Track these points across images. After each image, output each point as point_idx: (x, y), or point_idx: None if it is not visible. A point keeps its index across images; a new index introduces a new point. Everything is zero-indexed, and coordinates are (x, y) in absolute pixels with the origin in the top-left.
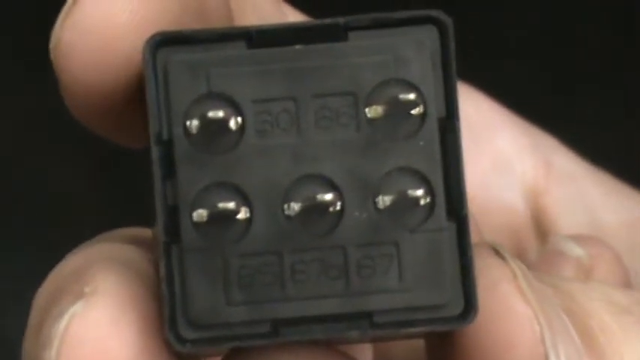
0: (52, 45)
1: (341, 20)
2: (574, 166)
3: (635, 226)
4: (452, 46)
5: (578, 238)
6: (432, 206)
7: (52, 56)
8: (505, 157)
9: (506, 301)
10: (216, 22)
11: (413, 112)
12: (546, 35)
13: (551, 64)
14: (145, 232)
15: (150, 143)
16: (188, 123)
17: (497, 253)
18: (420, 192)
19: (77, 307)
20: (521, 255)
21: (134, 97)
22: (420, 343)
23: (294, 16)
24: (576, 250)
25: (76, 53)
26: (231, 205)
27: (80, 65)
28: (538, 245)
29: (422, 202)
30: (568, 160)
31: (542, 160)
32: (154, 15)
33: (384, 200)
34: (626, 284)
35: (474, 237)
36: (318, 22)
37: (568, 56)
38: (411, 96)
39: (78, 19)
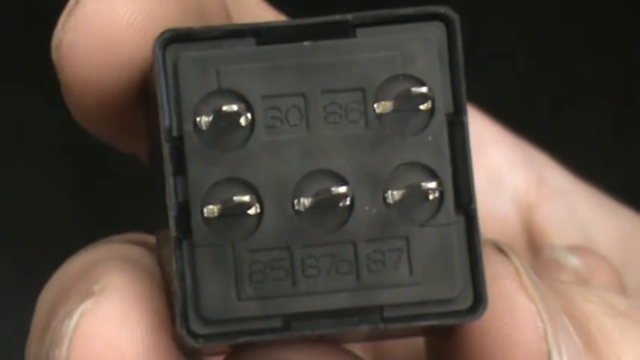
0: (53, 45)
1: (349, 17)
2: (564, 182)
3: (626, 241)
4: (459, 42)
5: (573, 249)
6: (440, 200)
7: (53, 56)
8: (497, 171)
9: (510, 298)
10: (214, 23)
11: (421, 107)
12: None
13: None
14: (148, 237)
15: (159, 140)
16: (198, 119)
17: (500, 250)
18: (428, 186)
19: (87, 305)
20: None
21: (135, 98)
22: (420, 344)
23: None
24: (573, 261)
25: (78, 53)
26: (242, 200)
27: (82, 65)
28: (530, 258)
29: (431, 196)
30: (559, 176)
31: (533, 175)
32: (155, 16)
33: (394, 195)
34: (622, 294)
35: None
36: (326, 18)
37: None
38: (419, 91)
39: (80, 19)
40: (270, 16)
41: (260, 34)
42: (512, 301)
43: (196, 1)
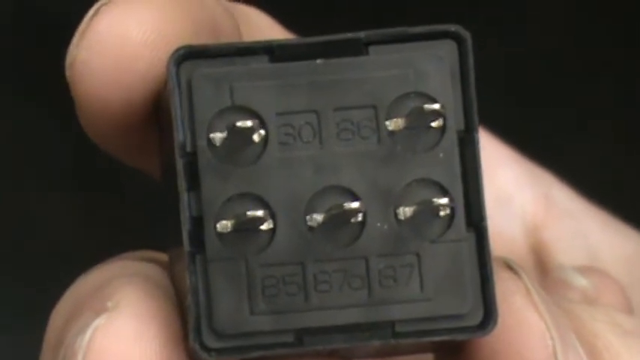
0: (67, 63)
1: (362, 35)
2: (572, 202)
3: (632, 261)
4: (470, 60)
5: (581, 269)
6: (451, 217)
7: (67, 74)
8: (505, 192)
9: (520, 314)
10: (226, 41)
11: (433, 124)
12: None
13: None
14: (159, 255)
15: (173, 156)
16: (212, 135)
17: (510, 268)
18: (440, 203)
19: (100, 321)
20: None
21: (147, 115)
22: None
23: None
24: (580, 281)
25: (92, 71)
26: (255, 215)
27: (96, 83)
28: (538, 278)
29: (442, 212)
30: (566, 196)
31: (541, 195)
32: (168, 34)
33: (405, 211)
34: (629, 313)
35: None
36: (339, 36)
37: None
38: (432, 109)
39: (93, 37)
40: (280, 34)
41: (273, 51)
42: (523, 318)
43: (209, 19)
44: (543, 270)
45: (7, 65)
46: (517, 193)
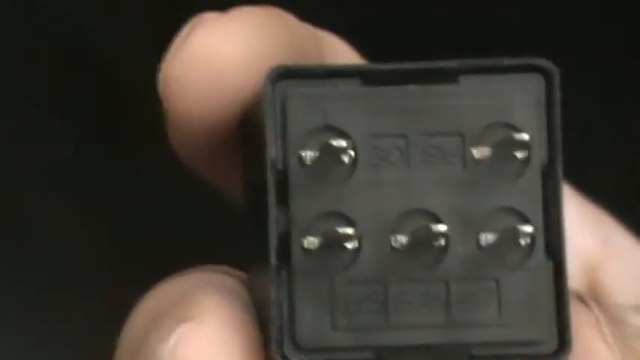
0: (160, 78)
1: (454, 64)
2: (630, 244)
3: None
4: (557, 94)
5: (637, 309)
6: (532, 246)
7: (160, 90)
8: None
9: (592, 345)
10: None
11: (518, 155)
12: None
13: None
14: (236, 272)
15: (263, 172)
16: (303, 154)
17: (581, 300)
18: (521, 232)
19: (185, 329)
20: None
21: (234, 133)
22: None
23: None
24: (638, 319)
25: (185, 87)
26: (343, 233)
27: (188, 99)
28: None
29: (522, 241)
30: (624, 239)
31: (600, 236)
32: (259, 54)
33: (487, 238)
34: None
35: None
36: (431, 64)
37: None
38: (519, 139)
39: (188, 53)
40: (356, 60)
41: (366, 75)
42: (593, 349)
43: (297, 41)
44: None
45: (7, 65)
46: (577, 232)
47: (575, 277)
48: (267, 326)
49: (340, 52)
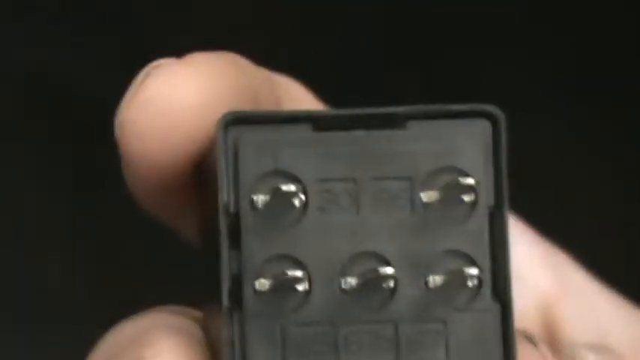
0: (117, 122)
1: (401, 110)
2: (584, 282)
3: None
4: (503, 139)
5: (592, 347)
6: (479, 287)
7: (116, 133)
8: (520, 269)
9: None
10: (265, 108)
11: (465, 198)
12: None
13: None
14: (192, 311)
15: (216, 216)
16: (255, 197)
17: (530, 339)
18: (468, 274)
19: None
20: None
21: (189, 177)
22: None
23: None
24: (591, 358)
25: (141, 132)
26: (295, 275)
27: (144, 144)
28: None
29: (470, 283)
30: (579, 276)
31: (554, 274)
32: (213, 99)
33: (435, 280)
34: None
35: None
36: (379, 110)
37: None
38: (466, 183)
39: (144, 99)
40: (313, 104)
41: (316, 120)
42: None
43: (252, 86)
44: (554, 347)
45: (7, 65)
46: (531, 270)
47: (530, 315)
48: None
49: (297, 96)
